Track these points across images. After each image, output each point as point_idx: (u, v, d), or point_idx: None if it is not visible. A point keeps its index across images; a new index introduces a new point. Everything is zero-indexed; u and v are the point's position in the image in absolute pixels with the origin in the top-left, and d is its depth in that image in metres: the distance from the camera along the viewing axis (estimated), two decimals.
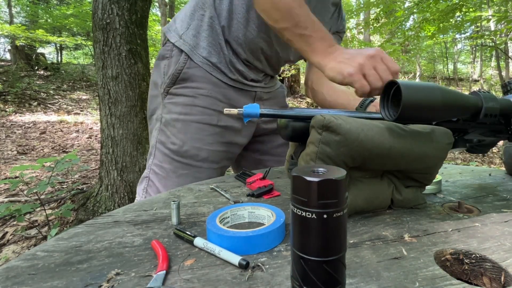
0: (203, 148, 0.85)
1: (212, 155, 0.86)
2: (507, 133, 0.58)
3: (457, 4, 5.34)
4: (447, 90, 0.47)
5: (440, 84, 0.53)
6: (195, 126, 0.84)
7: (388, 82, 0.49)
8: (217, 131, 0.86)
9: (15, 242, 1.90)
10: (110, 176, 2.22)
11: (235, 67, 0.87)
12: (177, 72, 0.84)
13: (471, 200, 0.64)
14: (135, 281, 0.38)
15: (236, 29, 0.84)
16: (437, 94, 0.45)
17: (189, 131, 0.84)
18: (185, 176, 0.84)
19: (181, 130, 0.84)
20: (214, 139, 0.86)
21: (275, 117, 0.55)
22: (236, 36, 0.84)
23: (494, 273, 0.40)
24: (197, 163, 0.85)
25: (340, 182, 0.27)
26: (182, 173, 0.84)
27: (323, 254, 0.28)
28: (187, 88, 0.85)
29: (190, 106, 0.84)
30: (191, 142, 0.84)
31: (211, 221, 0.48)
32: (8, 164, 3.55)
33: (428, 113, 0.46)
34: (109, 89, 2.17)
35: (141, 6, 2.26)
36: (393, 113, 0.49)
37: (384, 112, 0.50)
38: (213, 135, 0.86)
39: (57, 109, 6.56)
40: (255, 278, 0.38)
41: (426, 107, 0.45)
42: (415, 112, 0.45)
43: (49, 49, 13.79)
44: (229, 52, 0.85)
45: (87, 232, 0.51)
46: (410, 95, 0.44)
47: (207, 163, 0.86)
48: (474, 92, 0.54)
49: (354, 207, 0.54)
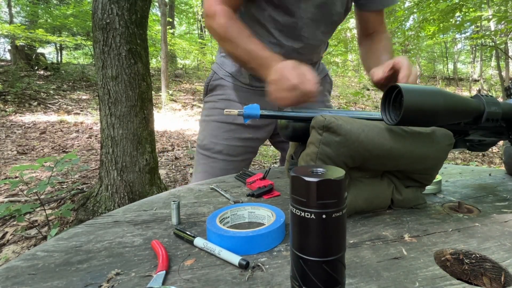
0: (219, 142, 1.00)
1: (227, 148, 1.00)
2: (508, 136, 0.58)
3: (457, 4, 5.34)
4: (449, 94, 0.46)
5: (441, 85, 0.53)
6: (213, 125, 1.00)
7: (390, 86, 0.48)
8: (233, 128, 1.00)
9: (15, 242, 1.90)
10: (110, 176, 2.22)
11: (252, 75, 0.98)
12: (206, 85, 1.05)
13: (471, 200, 0.64)
14: (135, 281, 0.38)
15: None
16: (439, 98, 0.45)
17: (209, 128, 1.01)
18: (204, 165, 1.02)
19: (204, 128, 1.03)
20: (230, 135, 1.00)
21: (276, 117, 0.56)
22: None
23: (494, 273, 0.40)
24: (213, 154, 1.00)
25: (339, 182, 0.27)
26: (202, 162, 1.02)
27: (323, 254, 0.28)
28: (212, 96, 1.03)
29: (212, 109, 1.02)
30: (209, 138, 1.00)
31: (211, 221, 0.48)
32: (8, 164, 3.55)
33: (429, 118, 0.46)
34: (109, 89, 2.17)
35: (141, 6, 2.26)
36: (394, 117, 0.48)
37: (386, 116, 0.49)
38: (229, 131, 1.00)
39: (57, 109, 6.56)
40: (255, 278, 0.38)
41: (428, 112, 0.45)
42: (417, 116, 0.45)
43: (49, 49, 13.79)
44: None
45: (87, 232, 0.51)
46: (412, 99, 0.44)
47: (222, 155, 1.01)
48: (477, 96, 0.53)
49: (354, 207, 0.54)
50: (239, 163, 1.03)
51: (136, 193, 2.26)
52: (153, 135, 2.40)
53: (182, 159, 3.96)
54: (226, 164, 1.01)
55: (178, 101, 8.27)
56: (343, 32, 10.41)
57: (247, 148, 1.04)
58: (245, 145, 1.02)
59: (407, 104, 0.44)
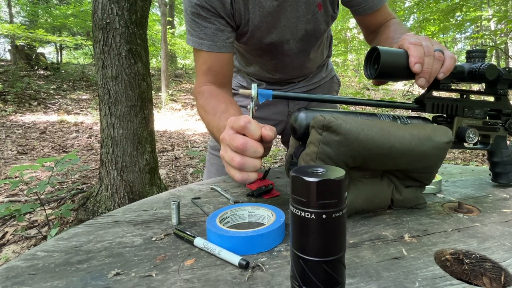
0: None
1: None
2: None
3: (458, 4, 5.34)
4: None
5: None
6: None
7: (371, 49, 0.59)
8: None
9: (15, 242, 1.90)
10: (110, 176, 2.22)
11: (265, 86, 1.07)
12: None
13: (471, 200, 0.64)
14: (135, 281, 0.38)
15: (243, 66, 1.07)
16: (404, 58, 0.56)
17: None
18: (214, 165, 1.07)
19: None
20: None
21: (288, 98, 0.59)
22: (247, 70, 1.07)
23: (494, 273, 0.40)
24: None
25: (339, 182, 0.27)
26: (213, 162, 1.08)
27: (323, 254, 0.28)
28: None
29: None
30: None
31: (211, 221, 0.48)
32: (8, 164, 3.55)
33: (400, 72, 0.57)
34: (109, 89, 2.17)
35: (141, 6, 2.26)
36: (373, 72, 0.59)
37: (366, 71, 0.61)
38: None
39: (57, 109, 6.56)
40: (255, 278, 0.38)
41: (399, 67, 0.57)
42: (390, 71, 0.57)
43: (49, 49, 13.79)
44: (249, 79, 1.10)
45: (87, 232, 0.51)
46: (387, 58, 0.56)
47: None
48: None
49: (354, 207, 0.54)
50: None
51: (136, 193, 2.26)
52: (153, 135, 2.40)
53: (182, 159, 3.96)
54: None
55: (178, 101, 8.28)
56: (343, 32, 10.41)
57: None
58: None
59: (383, 61, 0.55)
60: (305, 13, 0.84)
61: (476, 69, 0.60)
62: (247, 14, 0.81)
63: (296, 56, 0.93)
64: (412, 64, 0.55)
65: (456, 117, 0.64)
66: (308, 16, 0.85)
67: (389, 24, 0.89)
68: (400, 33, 0.80)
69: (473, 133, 0.63)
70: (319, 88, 1.13)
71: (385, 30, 0.87)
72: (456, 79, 0.63)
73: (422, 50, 0.56)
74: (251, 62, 1.01)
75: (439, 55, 0.57)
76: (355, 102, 0.61)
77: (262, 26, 0.83)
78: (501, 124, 0.68)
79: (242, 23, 0.83)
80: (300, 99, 0.58)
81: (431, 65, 0.56)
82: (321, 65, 1.11)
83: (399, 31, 0.83)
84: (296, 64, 0.97)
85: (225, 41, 0.81)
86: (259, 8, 0.80)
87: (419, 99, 0.63)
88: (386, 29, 0.87)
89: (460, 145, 0.66)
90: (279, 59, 0.94)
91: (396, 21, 0.90)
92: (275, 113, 1.09)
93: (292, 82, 1.08)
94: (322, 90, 1.14)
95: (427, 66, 0.55)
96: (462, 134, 0.63)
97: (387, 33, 0.85)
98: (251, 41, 0.87)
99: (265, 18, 0.82)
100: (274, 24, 0.84)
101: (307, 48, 0.93)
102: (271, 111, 1.08)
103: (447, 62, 0.57)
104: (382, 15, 0.90)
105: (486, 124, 0.67)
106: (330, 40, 1.11)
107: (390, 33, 0.83)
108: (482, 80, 0.61)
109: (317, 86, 1.12)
